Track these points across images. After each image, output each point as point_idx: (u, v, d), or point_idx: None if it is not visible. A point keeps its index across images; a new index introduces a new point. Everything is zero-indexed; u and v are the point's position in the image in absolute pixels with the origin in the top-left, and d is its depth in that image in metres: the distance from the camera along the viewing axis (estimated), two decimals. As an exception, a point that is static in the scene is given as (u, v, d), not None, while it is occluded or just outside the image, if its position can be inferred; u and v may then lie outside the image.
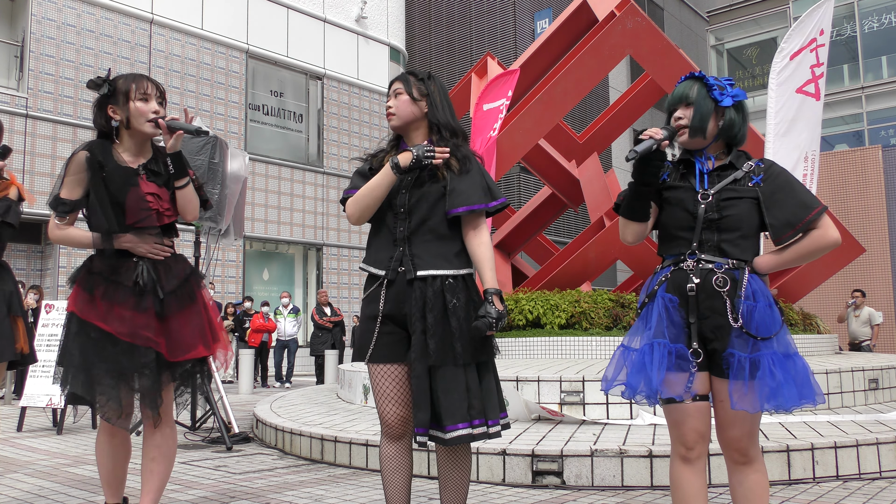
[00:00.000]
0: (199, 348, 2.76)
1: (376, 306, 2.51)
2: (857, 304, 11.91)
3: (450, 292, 2.44)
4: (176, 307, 2.75)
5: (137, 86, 2.74)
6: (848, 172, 15.17)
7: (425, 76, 2.62)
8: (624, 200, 2.39)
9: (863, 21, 25.72)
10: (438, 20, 23.02)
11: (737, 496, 2.28)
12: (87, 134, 13.62)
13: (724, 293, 2.21)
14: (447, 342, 2.40)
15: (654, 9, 27.45)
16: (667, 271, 2.32)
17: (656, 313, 2.26)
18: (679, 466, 2.28)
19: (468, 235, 2.55)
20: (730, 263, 2.24)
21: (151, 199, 2.74)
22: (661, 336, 2.23)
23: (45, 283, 13.22)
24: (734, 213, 2.25)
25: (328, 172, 17.84)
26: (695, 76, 2.36)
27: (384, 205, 2.55)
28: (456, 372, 2.40)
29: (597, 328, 6.92)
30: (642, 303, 2.35)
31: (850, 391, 5.56)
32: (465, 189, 2.50)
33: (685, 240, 2.30)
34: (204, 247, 6.09)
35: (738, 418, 2.22)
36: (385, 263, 2.51)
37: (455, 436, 2.36)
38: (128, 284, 2.70)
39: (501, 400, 2.54)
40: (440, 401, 2.38)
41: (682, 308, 2.25)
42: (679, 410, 2.25)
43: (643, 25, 7.64)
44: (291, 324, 13.38)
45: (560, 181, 10.12)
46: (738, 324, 2.18)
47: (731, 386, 2.18)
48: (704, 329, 2.23)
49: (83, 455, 5.19)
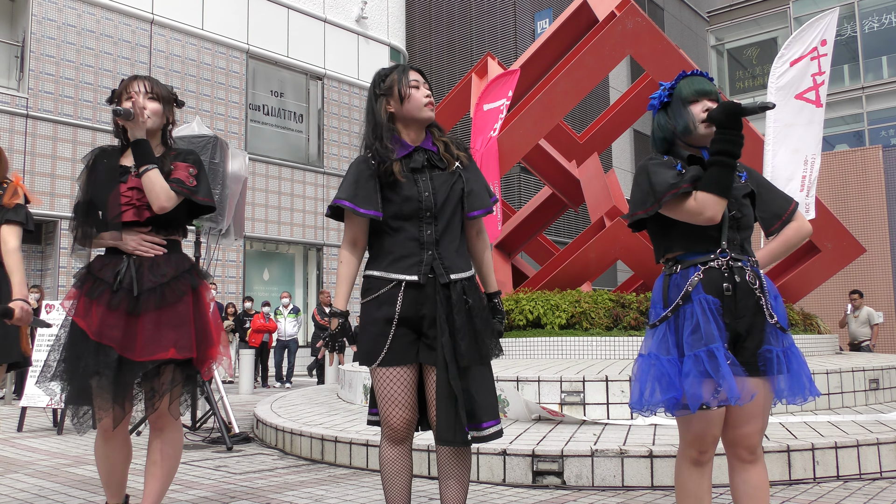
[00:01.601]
0: (171, 350, 2.63)
1: (391, 308, 2.42)
2: (856, 305, 11.90)
3: (468, 293, 2.47)
4: (152, 305, 2.65)
5: (127, 87, 2.80)
6: (848, 172, 15.17)
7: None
8: (717, 179, 2.15)
9: (863, 21, 25.71)
10: (438, 20, 23.02)
11: (739, 494, 2.26)
12: (87, 134, 13.64)
13: (756, 291, 2.22)
14: (474, 342, 2.43)
15: (654, 9, 27.45)
16: (696, 271, 2.20)
17: (700, 316, 2.13)
18: (689, 469, 2.26)
19: (473, 237, 2.57)
20: (753, 261, 2.27)
21: (131, 193, 2.72)
22: (714, 340, 2.10)
23: (45, 283, 13.22)
24: (747, 211, 2.29)
25: (328, 172, 17.84)
26: (706, 76, 2.35)
27: (407, 212, 2.43)
28: (484, 370, 2.44)
29: (597, 328, 6.92)
30: (674, 305, 2.20)
31: (851, 391, 5.56)
32: (479, 191, 2.53)
33: (713, 238, 2.23)
34: (204, 247, 6.09)
35: (755, 414, 2.21)
36: (415, 269, 2.42)
37: (492, 431, 2.41)
38: (108, 281, 2.68)
39: None
40: (475, 399, 2.39)
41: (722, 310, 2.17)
42: (705, 419, 2.18)
43: (643, 26, 7.64)
44: (292, 324, 13.38)
45: (560, 181, 10.12)
46: (773, 320, 2.21)
47: (776, 381, 2.19)
48: (739, 328, 2.19)
49: (83, 455, 5.19)
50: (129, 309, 2.65)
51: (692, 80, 2.31)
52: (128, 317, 2.65)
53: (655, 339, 2.21)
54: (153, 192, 2.68)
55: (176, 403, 2.76)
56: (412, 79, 2.53)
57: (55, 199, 13.07)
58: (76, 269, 13.08)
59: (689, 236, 2.25)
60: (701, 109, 2.25)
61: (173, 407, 2.75)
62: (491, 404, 2.43)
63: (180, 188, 2.74)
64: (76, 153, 13.45)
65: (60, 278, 13.08)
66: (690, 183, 2.17)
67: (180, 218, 2.85)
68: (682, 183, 2.17)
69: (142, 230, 2.75)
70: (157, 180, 2.69)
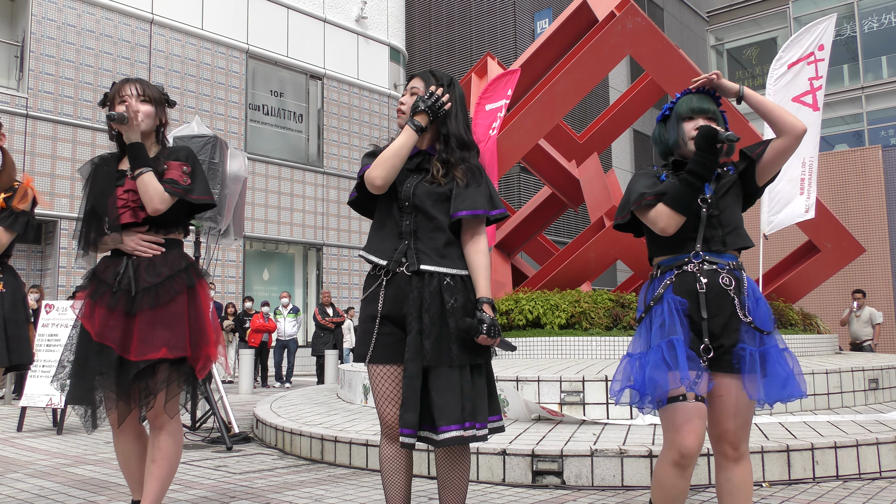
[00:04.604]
0: (163, 350, 2.64)
1: (375, 306, 2.50)
2: (859, 305, 11.90)
3: (447, 292, 2.45)
4: (147, 304, 2.67)
5: (120, 91, 2.81)
6: (848, 172, 15.17)
7: (447, 81, 2.61)
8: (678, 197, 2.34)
9: (863, 21, 25.72)
10: (438, 20, 23.02)
11: (723, 491, 2.36)
12: (87, 134, 13.65)
13: (730, 291, 2.31)
14: (444, 343, 2.40)
15: (654, 9, 27.45)
16: (670, 275, 2.38)
17: (666, 314, 2.29)
18: (669, 469, 2.30)
19: (466, 240, 2.55)
20: (731, 264, 2.35)
21: (127, 196, 2.74)
22: (676, 333, 2.26)
23: (45, 283, 13.22)
24: (729, 207, 2.38)
25: (328, 172, 17.84)
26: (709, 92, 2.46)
27: (391, 195, 2.55)
28: (451, 373, 2.39)
29: (597, 328, 6.92)
30: (646, 307, 2.38)
31: (850, 391, 5.56)
32: (470, 194, 2.51)
33: (690, 240, 2.37)
34: (204, 247, 6.09)
35: (737, 410, 2.31)
36: (388, 254, 2.51)
37: (447, 437, 2.35)
38: (109, 283, 2.72)
39: (496, 403, 2.53)
40: (434, 401, 2.37)
41: (690, 310, 2.31)
42: (682, 411, 2.26)
43: (643, 25, 7.64)
44: (291, 324, 13.38)
45: (560, 181, 10.12)
46: (747, 319, 2.28)
47: (745, 379, 2.27)
48: (713, 327, 2.30)
49: (83, 455, 5.19)
50: (127, 309, 2.68)
51: (691, 97, 2.46)
52: (126, 317, 2.68)
53: (633, 340, 2.40)
54: (146, 196, 2.71)
55: (174, 402, 2.76)
56: (409, 86, 2.62)
57: (55, 199, 13.07)
58: (76, 269, 13.09)
59: (666, 241, 2.42)
60: (693, 127, 2.41)
61: (169, 406, 2.74)
62: (452, 409, 2.35)
63: (174, 189, 2.74)
64: (76, 153, 13.46)
65: (60, 278, 13.08)
66: (655, 196, 2.37)
67: (178, 217, 2.85)
68: (647, 195, 2.39)
69: (140, 230, 2.77)
70: (150, 183, 2.71)
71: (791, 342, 7.46)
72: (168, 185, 2.74)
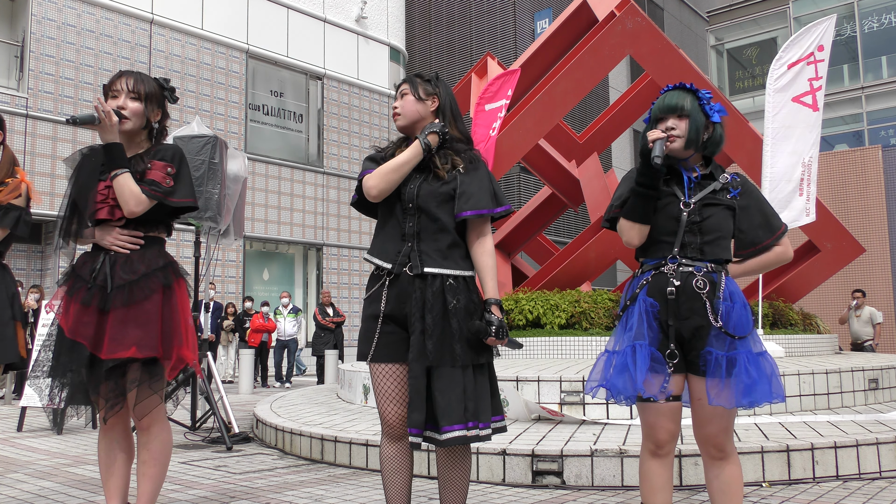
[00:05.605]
0: (132, 349, 2.57)
1: (378, 306, 2.51)
2: (859, 304, 11.90)
3: (450, 293, 2.45)
4: (120, 302, 2.61)
5: (111, 85, 2.78)
6: (848, 172, 15.16)
7: (432, 77, 2.66)
8: (631, 207, 2.40)
9: (863, 21, 25.73)
10: (438, 20, 23.02)
11: (713, 489, 2.39)
12: (87, 134, 13.63)
13: (703, 295, 2.31)
14: (446, 343, 2.41)
15: (654, 9, 27.46)
16: (648, 275, 2.40)
17: (637, 316, 2.33)
18: (649, 460, 2.40)
19: (473, 241, 2.55)
20: (708, 267, 2.35)
21: (107, 191, 2.70)
22: (641, 338, 2.30)
23: (45, 283, 13.22)
24: (714, 217, 2.37)
25: (328, 172, 17.85)
26: (686, 87, 2.42)
27: (393, 197, 2.55)
28: (454, 373, 2.39)
29: (597, 328, 6.93)
30: (624, 306, 2.42)
31: (850, 391, 5.56)
32: (474, 193, 2.51)
33: (668, 244, 2.38)
34: (204, 247, 6.09)
35: (715, 415, 2.32)
36: (392, 256, 2.52)
37: (450, 437, 2.36)
38: (85, 278, 2.68)
39: (498, 403, 2.53)
40: (437, 401, 2.38)
41: (661, 313, 2.34)
42: (654, 410, 2.36)
43: (643, 25, 7.65)
44: (291, 324, 13.39)
45: (560, 181, 10.11)
46: (718, 324, 2.28)
47: (708, 383, 2.28)
48: (684, 330, 2.32)
49: (83, 455, 5.19)
50: (101, 306, 2.63)
51: (665, 96, 2.43)
52: (100, 314, 2.63)
53: (612, 336, 2.45)
54: (122, 198, 2.64)
55: (146, 403, 2.67)
56: (400, 90, 2.66)
57: (55, 198, 13.06)
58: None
59: (647, 242, 2.44)
60: (663, 127, 2.38)
61: (139, 407, 2.66)
62: (455, 409, 2.36)
63: (153, 191, 2.67)
64: (76, 153, 13.45)
65: (60, 278, 13.06)
66: (619, 205, 2.46)
67: (159, 216, 2.78)
68: (614, 206, 2.48)
69: (118, 225, 2.72)
70: (126, 185, 2.64)
71: (791, 342, 7.46)
72: (148, 186, 2.67)
